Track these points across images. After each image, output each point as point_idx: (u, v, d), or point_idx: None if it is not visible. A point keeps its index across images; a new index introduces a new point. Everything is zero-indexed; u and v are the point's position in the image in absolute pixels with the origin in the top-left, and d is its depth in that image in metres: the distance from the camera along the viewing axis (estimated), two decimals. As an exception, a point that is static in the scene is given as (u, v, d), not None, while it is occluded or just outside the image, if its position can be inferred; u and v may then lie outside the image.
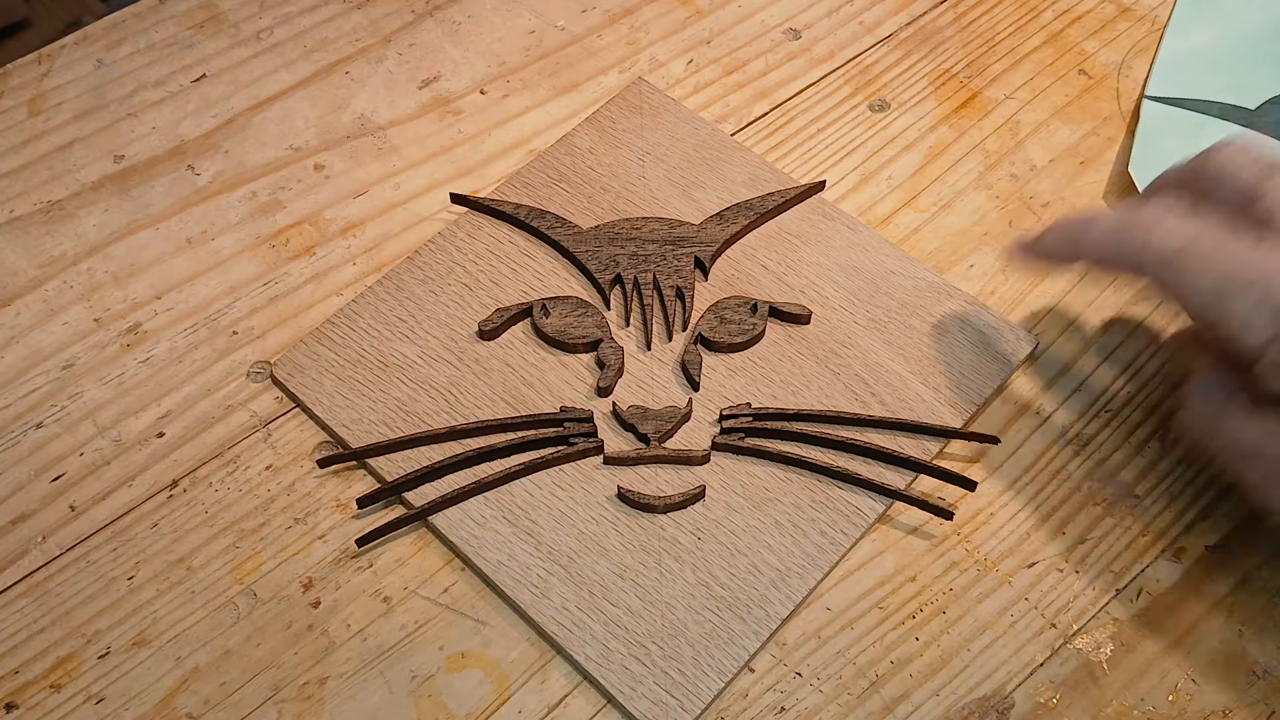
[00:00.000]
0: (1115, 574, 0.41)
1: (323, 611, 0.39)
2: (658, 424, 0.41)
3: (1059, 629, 0.39)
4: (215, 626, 0.38)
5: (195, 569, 0.39)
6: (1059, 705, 0.38)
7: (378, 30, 0.53)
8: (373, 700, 0.37)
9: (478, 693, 0.38)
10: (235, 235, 0.47)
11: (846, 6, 0.55)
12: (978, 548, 0.41)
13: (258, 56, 0.52)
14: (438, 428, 0.41)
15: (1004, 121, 0.52)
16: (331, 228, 0.47)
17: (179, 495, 0.41)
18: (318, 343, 0.43)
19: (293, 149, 0.49)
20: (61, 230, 0.47)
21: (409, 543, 0.40)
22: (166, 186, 0.48)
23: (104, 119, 0.50)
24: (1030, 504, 0.42)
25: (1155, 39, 0.55)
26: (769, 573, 0.39)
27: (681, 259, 0.45)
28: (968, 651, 0.39)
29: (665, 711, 0.37)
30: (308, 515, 0.41)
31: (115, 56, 0.52)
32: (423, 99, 0.51)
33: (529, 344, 0.44)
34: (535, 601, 0.38)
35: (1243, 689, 0.39)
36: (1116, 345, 0.46)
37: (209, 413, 0.43)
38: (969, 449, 0.43)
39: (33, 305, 0.45)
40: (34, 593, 0.39)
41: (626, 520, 0.40)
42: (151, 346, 0.44)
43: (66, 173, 0.48)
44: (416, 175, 0.49)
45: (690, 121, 0.50)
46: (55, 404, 0.43)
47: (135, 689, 0.37)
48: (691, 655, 0.37)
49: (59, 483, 0.41)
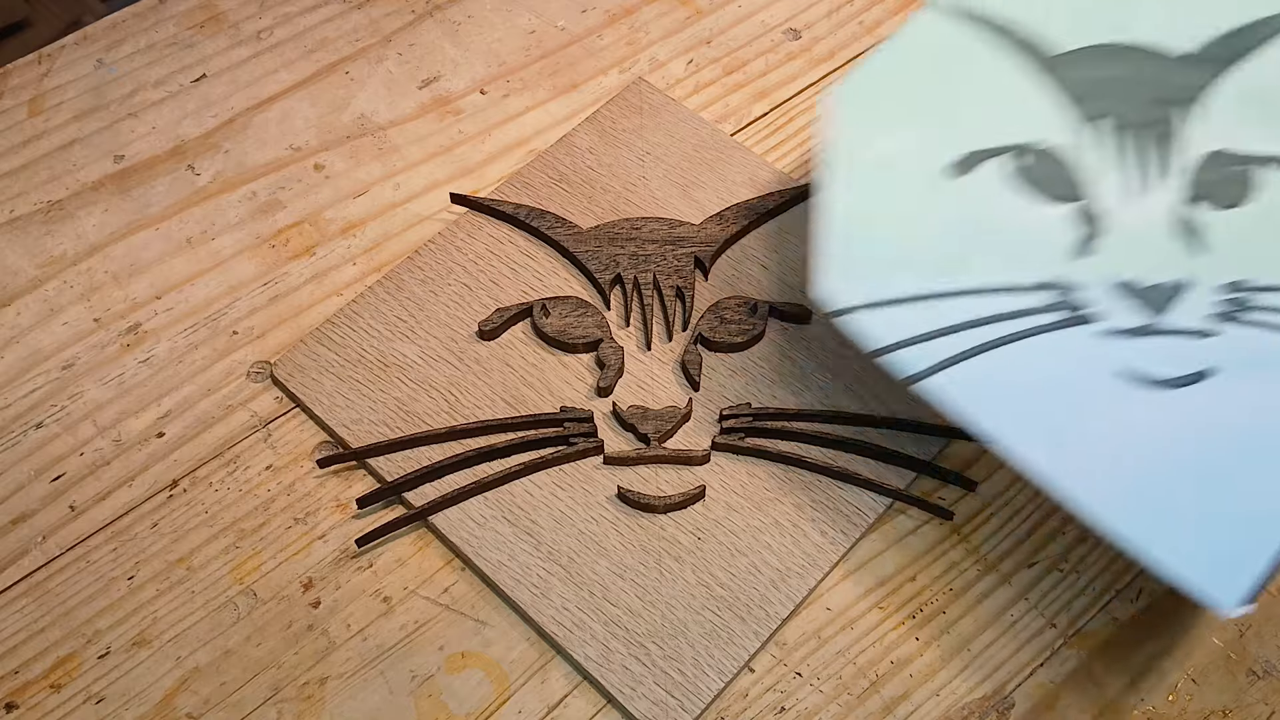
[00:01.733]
0: (1115, 574, 0.41)
1: (323, 611, 0.39)
2: (658, 424, 0.41)
3: (1059, 629, 0.39)
4: (215, 626, 0.38)
5: (195, 569, 0.39)
6: (1059, 705, 0.38)
7: (378, 30, 0.53)
8: (373, 700, 0.37)
9: (478, 693, 0.38)
10: (235, 235, 0.47)
11: (846, 6, 0.55)
12: (978, 548, 0.41)
13: (258, 56, 0.52)
14: (438, 428, 0.41)
15: (1004, 121, 0.52)
16: (331, 228, 0.47)
17: (179, 495, 0.41)
18: (318, 343, 0.43)
19: (293, 149, 0.49)
20: (61, 230, 0.47)
21: (409, 543, 0.40)
22: (166, 186, 0.48)
23: (104, 119, 0.50)
24: (1030, 504, 0.42)
25: (1155, 39, 0.55)
26: (769, 573, 0.39)
27: (681, 259, 0.45)
28: (968, 651, 0.39)
29: (665, 711, 0.37)
30: (308, 515, 0.41)
31: (115, 56, 0.52)
32: (423, 99, 0.51)
33: (529, 344, 0.44)
34: (535, 601, 0.38)
35: (1243, 689, 0.39)
36: (1116, 345, 0.46)
37: (209, 413, 0.43)
38: (969, 449, 0.43)
39: (33, 305, 0.45)
40: (34, 593, 0.39)
41: (626, 520, 0.40)
42: (151, 346, 0.44)
43: (66, 173, 0.48)
44: (416, 175, 0.49)
45: (690, 121, 0.50)
46: (55, 404, 0.43)
47: (135, 689, 0.37)
48: (691, 655, 0.37)
49: (59, 483, 0.41)
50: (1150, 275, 0.38)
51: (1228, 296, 0.37)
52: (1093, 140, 0.40)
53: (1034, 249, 0.38)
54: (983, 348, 0.36)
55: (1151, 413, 0.35)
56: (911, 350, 0.36)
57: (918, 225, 0.38)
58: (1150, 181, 0.40)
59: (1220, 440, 0.35)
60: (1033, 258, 0.38)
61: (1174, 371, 0.36)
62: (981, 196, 0.39)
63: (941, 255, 0.37)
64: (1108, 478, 0.34)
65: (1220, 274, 0.38)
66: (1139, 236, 0.39)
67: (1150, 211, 0.39)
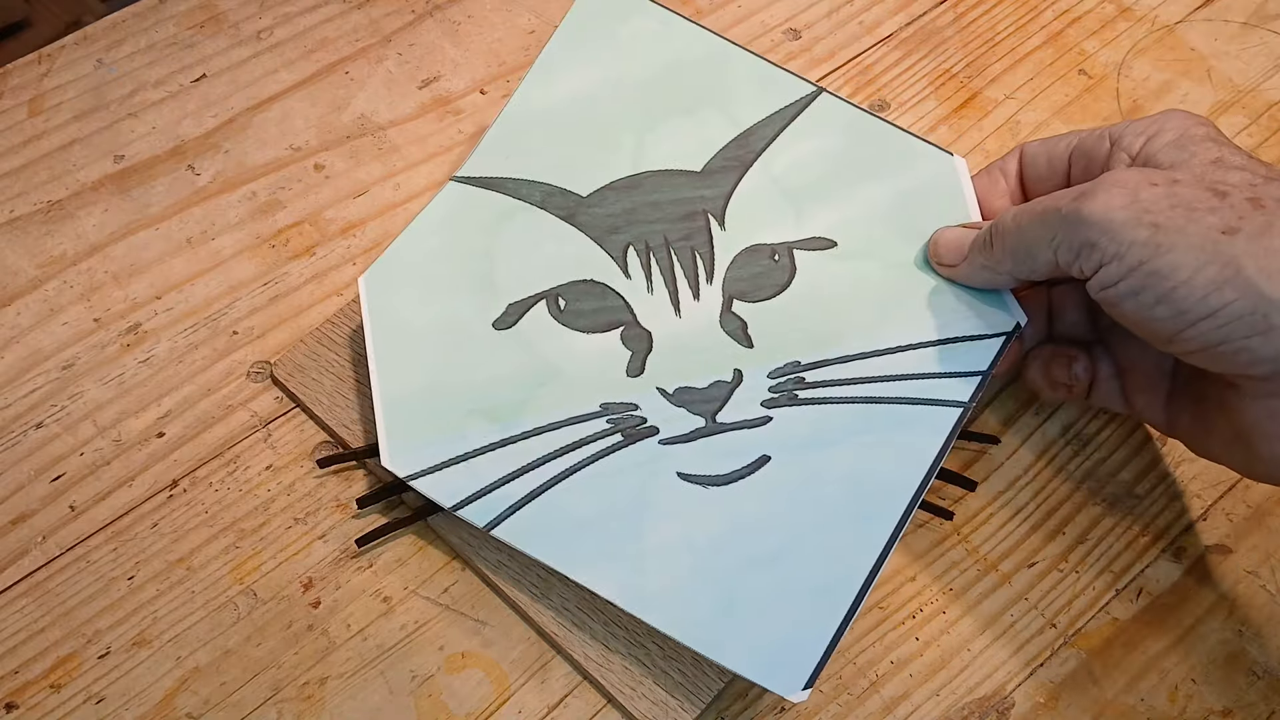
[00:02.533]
0: (1115, 574, 0.41)
1: (323, 611, 0.39)
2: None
3: (1059, 629, 0.39)
4: (215, 626, 0.38)
5: (195, 569, 0.39)
6: (1059, 705, 0.38)
7: (378, 30, 0.53)
8: (373, 700, 0.37)
9: (478, 693, 0.38)
10: (235, 235, 0.47)
11: (846, 6, 0.55)
12: (978, 548, 0.41)
13: (258, 56, 0.52)
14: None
15: (1004, 121, 0.52)
16: (331, 228, 0.47)
17: (179, 495, 0.41)
18: (318, 343, 0.43)
19: (293, 149, 0.49)
20: (61, 230, 0.47)
21: (409, 543, 0.40)
22: (166, 186, 0.48)
23: (104, 119, 0.50)
24: (1030, 504, 0.42)
25: (1155, 39, 0.55)
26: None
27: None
28: (968, 651, 0.39)
29: (665, 711, 0.37)
30: (308, 515, 0.41)
31: (115, 56, 0.51)
32: (423, 99, 0.51)
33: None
34: (535, 601, 0.38)
35: (1243, 689, 0.39)
36: (1116, 345, 0.46)
37: (209, 413, 0.43)
38: (969, 449, 0.43)
39: (33, 305, 0.45)
40: (34, 593, 0.39)
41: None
42: (151, 346, 0.44)
43: (66, 173, 0.48)
44: (416, 175, 0.49)
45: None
46: (55, 404, 0.43)
47: (135, 689, 0.37)
48: (691, 655, 0.37)
49: (59, 483, 0.41)
50: (701, 379, 0.39)
51: (777, 382, 0.39)
52: (628, 265, 0.42)
53: (589, 380, 0.40)
54: (550, 483, 0.38)
55: (712, 510, 0.37)
56: (485, 500, 0.37)
57: (475, 382, 0.40)
58: (689, 292, 0.41)
59: (777, 523, 0.37)
60: (590, 388, 0.39)
61: (733, 466, 0.38)
62: (530, 343, 0.41)
63: (504, 403, 0.39)
64: (674, 589, 0.36)
65: (768, 363, 0.40)
66: (686, 346, 0.40)
67: (694, 320, 0.41)
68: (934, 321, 0.40)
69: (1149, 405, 0.40)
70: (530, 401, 0.39)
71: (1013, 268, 0.38)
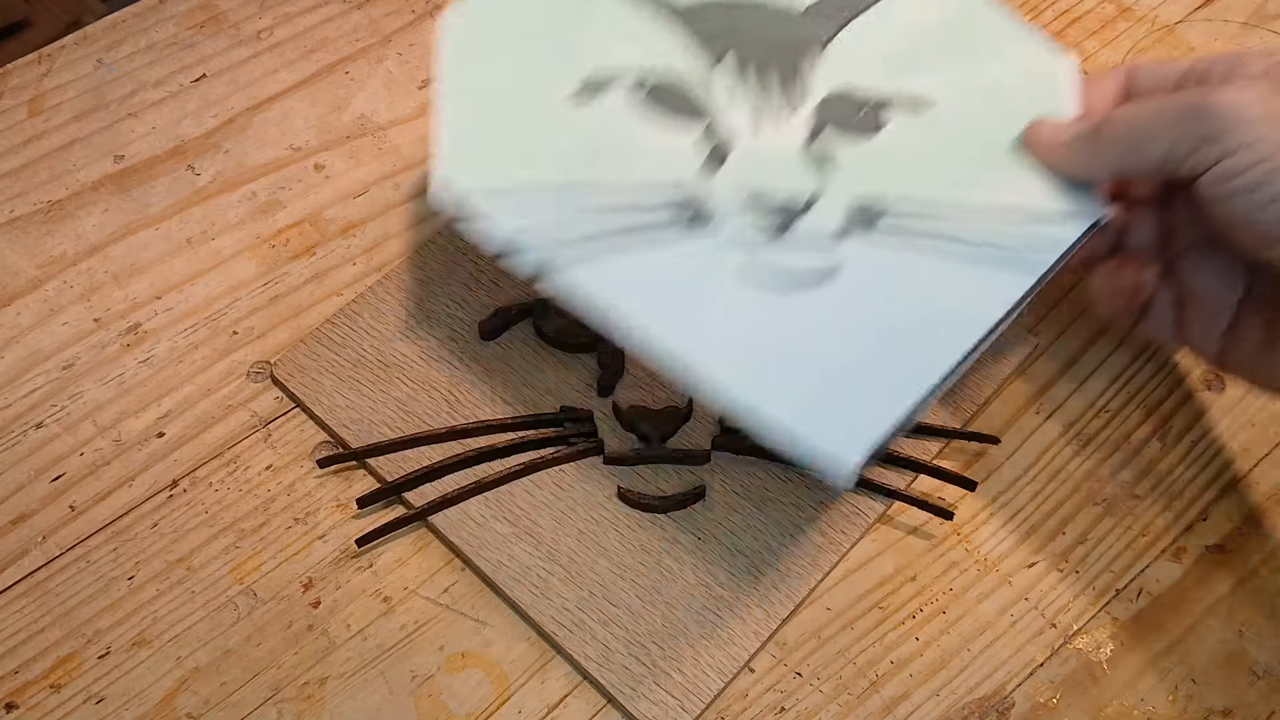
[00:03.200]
0: (1115, 574, 0.41)
1: (323, 611, 0.39)
2: (657, 423, 0.41)
3: (1059, 629, 0.39)
4: (215, 626, 0.38)
5: (195, 569, 0.39)
6: (1059, 705, 0.38)
7: (378, 30, 0.53)
8: (373, 700, 0.37)
9: (478, 693, 0.38)
10: (235, 235, 0.47)
11: (846, 6, 0.55)
12: (978, 548, 0.41)
13: (258, 56, 0.52)
14: (438, 428, 0.41)
15: (1004, 121, 0.52)
16: (331, 228, 0.47)
17: (179, 495, 0.41)
18: (318, 343, 0.43)
19: (293, 149, 0.49)
20: (61, 230, 0.47)
21: (409, 543, 0.40)
22: (166, 186, 0.48)
23: (104, 119, 0.50)
24: (1030, 504, 0.42)
25: (1155, 39, 0.55)
26: (769, 573, 0.39)
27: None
28: (968, 651, 0.39)
29: (665, 711, 0.37)
30: (308, 515, 0.41)
31: (115, 56, 0.51)
32: (423, 99, 0.51)
33: (529, 344, 0.44)
34: (535, 601, 0.38)
35: (1243, 689, 0.39)
36: (1116, 346, 0.46)
37: (209, 413, 0.43)
38: (969, 449, 0.43)
39: (33, 305, 0.45)
40: (34, 593, 0.39)
41: (626, 520, 0.40)
42: (151, 346, 0.44)
43: (66, 173, 0.48)
44: (416, 175, 0.49)
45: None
46: (55, 404, 0.43)
47: (135, 689, 0.37)
48: (691, 655, 0.37)
49: (59, 483, 0.41)
50: (779, 190, 0.38)
51: (853, 211, 0.38)
52: (720, 71, 0.41)
53: (662, 162, 0.39)
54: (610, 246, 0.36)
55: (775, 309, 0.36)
56: (535, 250, 0.36)
57: (541, 141, 0.39)
58: (778, 111, 0.40)
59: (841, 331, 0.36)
60: (661, 170, 0.38)
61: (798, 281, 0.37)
62: (607, 116, 0.39)
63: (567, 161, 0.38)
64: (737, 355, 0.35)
65: (846, 196, 0.39)
66: (765, 163, 0.39)
67: (778, 137, 0.40)
68: (1021, 194, 0.39)
69: (1204, 335, 0.39)
70: (595, 164, 0.38)
71: (1114, 160, 0.37)
